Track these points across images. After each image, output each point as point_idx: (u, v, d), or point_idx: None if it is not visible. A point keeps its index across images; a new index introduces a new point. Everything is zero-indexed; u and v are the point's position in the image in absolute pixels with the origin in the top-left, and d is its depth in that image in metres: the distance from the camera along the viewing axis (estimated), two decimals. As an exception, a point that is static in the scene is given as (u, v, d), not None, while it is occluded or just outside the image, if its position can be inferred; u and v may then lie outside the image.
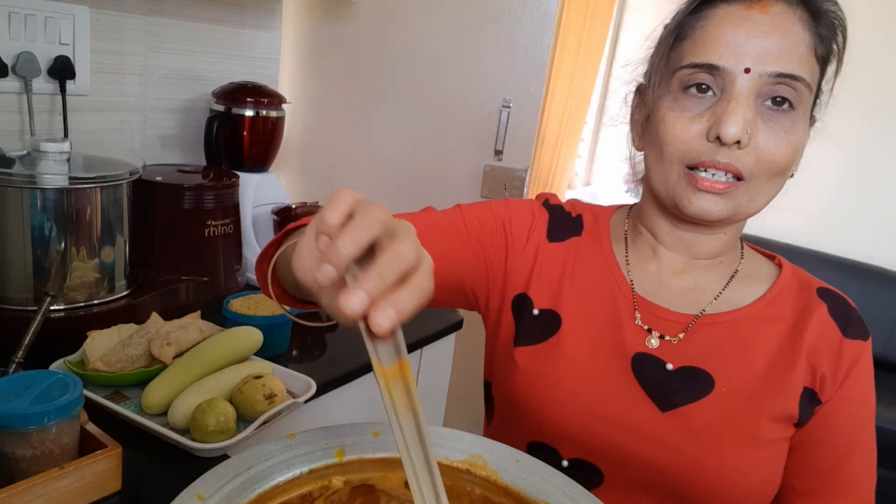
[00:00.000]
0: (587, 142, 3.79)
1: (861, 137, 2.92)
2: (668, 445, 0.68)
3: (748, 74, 0.62)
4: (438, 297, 0.76)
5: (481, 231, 0.78)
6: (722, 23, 0.64)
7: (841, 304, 0.72)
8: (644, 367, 0.71)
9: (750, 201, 0.66)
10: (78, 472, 0.70)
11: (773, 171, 0.65)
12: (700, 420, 0.68)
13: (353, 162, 1.78)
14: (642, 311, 0.73)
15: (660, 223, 0.74)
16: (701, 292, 0.74)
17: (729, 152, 0.63)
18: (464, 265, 0.77)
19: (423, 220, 0.76)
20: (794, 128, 0.64)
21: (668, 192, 0.68)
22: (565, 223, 0.81)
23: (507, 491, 0.55)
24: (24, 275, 1.01)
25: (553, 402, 0.72)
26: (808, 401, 0.69)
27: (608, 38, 3.43)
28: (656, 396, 0.69)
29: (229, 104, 1.49)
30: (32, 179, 1.00)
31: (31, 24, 1.20)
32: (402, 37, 1.65)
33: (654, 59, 0.71)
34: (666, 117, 0.66)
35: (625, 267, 0.76)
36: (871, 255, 2.97)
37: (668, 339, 0.71)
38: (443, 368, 1.51)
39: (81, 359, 0.96)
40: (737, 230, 0.74)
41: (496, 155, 1.60)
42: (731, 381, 0.69)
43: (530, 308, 0.77)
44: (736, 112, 0.62)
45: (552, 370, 0.73)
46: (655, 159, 0.69)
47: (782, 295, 0.73)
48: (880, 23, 2.81)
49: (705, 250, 0.73)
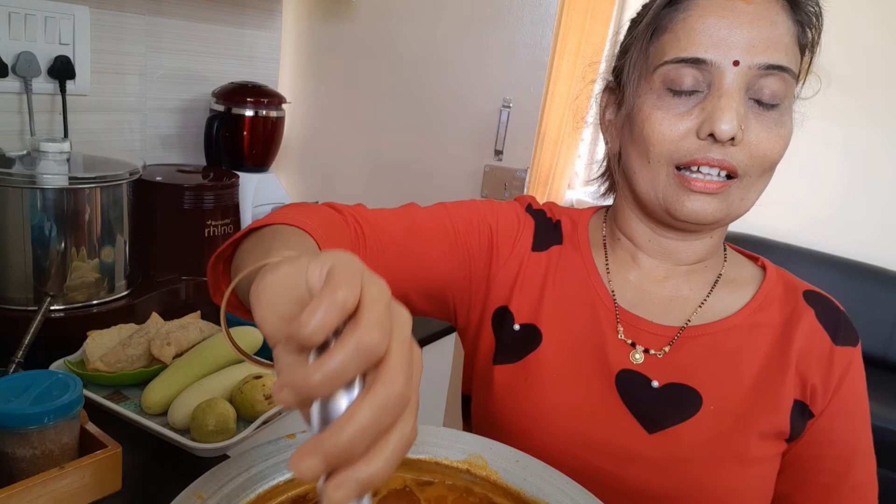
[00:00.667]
0: (587, 142, 3.79)
1: (862, 138, 2.92)
2: (656, 468, 0.65)
3: (737, 67, 0.59)
4: (417, 305, 0.73)
5: (468, 233, 0.74)
6: (705, 14, 0.60)
7: (829, 309, 0.70)
8: (629, 385, 0.67)
9: (742, 199, 0.64)
10: (78, 472, 0.70)
11: (765, 167, 0.63)
12: (689, 441, 0.65)
13: (352, 162, 1.78)
14: (625, 325, 0.69)
15: (639, 229, 0.71)
16: (684, 301, 0.70)
17: (722, 149, 0.60)
18: (449, 271, 0.73)
19: (405, 219, 0.72)
20: (782, 121, 0.62)
21: (657, 195, 0.64)
22: (548, 230, 0.77)
23: (507, 491, 0.55)
24: (24, 275, 1.01)
25: (534, 425, 0.68)
26: (799, 414, 0.66)
27: (608, 39, 3.43)
28: (642, 417, 0.66)
29: (229, 104, 1.49)
30: (32, 179, 0.99)
31: (31, 24, 1.20)
32: (402, 37, 1.65)
33: (630, 56, 0.67)
34: (651, 116, 0.62)
35: (605, 276, 0.73)
36: (871, 255, 2.97)
37: (653, 353, 0.68)
38: (443, 368, 1.51)
39: (81, 359, 0.96)
40: (722, 232, 0.71)
41: (496, 155, 1.60)
42: (719, 397, 0.66)
43: (511, 323, 0.73)
44: (729, 108, 0.59)
45: (532, 390, 0.69)
46: (640, 162, 0.65)
47: (768, 300, 0.70)
48: (884, 26, 2.81)
49: (689, 256, 0.70)
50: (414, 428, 0.32)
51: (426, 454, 0.57)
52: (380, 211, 0.72)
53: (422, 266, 0.71)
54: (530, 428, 0.68)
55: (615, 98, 0.70)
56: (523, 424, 0.69)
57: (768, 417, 0.65)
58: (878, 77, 2.85)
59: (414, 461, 0.57)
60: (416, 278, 0.71)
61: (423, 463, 0.57)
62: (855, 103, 2.77)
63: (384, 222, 0.70)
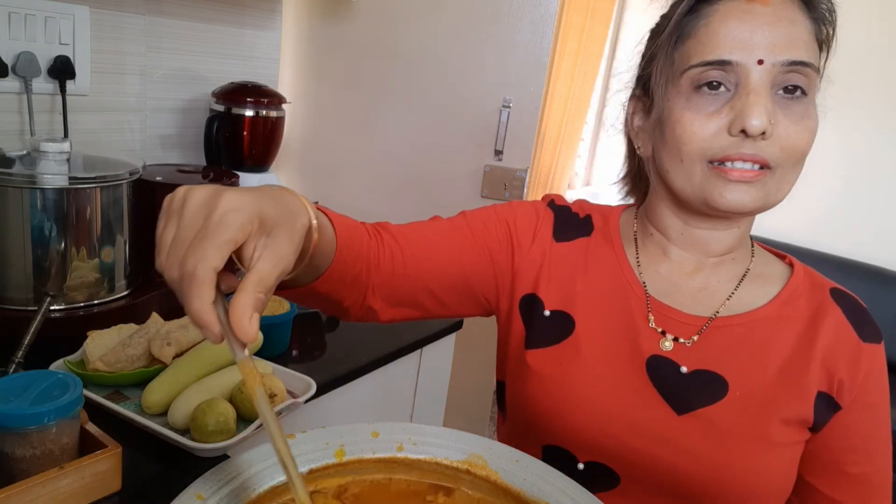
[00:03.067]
0: (587, 142, 3.79)
1: (864, 138, 2.92)
2: (684, 448, 0.68)
3: (762, 66, 0.62)
4: (450, 301, 0.77)
5: (485, 233, 0.78)
6: (726, 19, 0.64)
7: (855, 307, 0.73)
8: (659, 369, 0.71)
9: (778, 190, 0.66)
10: (78, 472, 0.70)
11: (796, 158, 0.65)
12: (715, 423, 0.68)
13: (352, 162, 1.78)
14: (656, 314, 0.73)
15: (672, 223, 0.74)
16: (713, 292, 0.73)
17: (754, 143, 0.63)
18: (471, 268, 0.77)
19: (429, 228, 0.76)
20: (808, 113, 0.65)
21: (694, 190, 0.67)
22: (572, 223, 0.80)
23: (507, 491, 0.55)
24: (24, 275, 1.01)
25: (568, 407, 0.71)
26: (825, 405, 0.69)
27: (608, 38, 3.43)
28: (672, 399, 0.69)
29: (229, 104, 1.49)
30: (32, 179, 0.99)
31: (31, 24, 1.20)
32: (403, 37, 1.65)
33: (656, 64, 0.70)
34: (682, 118, 0.66)
35: (636, 268, 0.76)
36: (871, 255, 2.97)
37: (682, 342, 0.71)
38: (443, 368, 1.51)
39: (81, 359, 0.96)
40: (748, 224, 0.74)
41: (496, 155, 1.60)
42: (745, 385, 0.69)
43: (541, 309, 0.76)
44: (758, 104, 0.62)
45: (566, 374, 0.73)
46: (674, 161, 0.68)
47: (795, 295, 0.73)
48: (883, 25, 2.81)
49: (720, 246, 0.73)
50: (237, 221, 0.43)
51: (426, 454, 0.57)
52: (413, 223, 0.77)
53: (442, 263, 0.75)
54: (565, 410, 0.71)
55: (643, 105, 0.74)
56: (558, 407, 0.72)
57: (792, 405, 0.68)
58: (878, 77, 2.85)
59: (414, 461, 0.57)
60: (438, 276, 0.75)
61: (424, 463, 0.57)
62: (855, 103, 2.77)
63: (404, 228, 0.75)
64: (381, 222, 0.75)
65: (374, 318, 0.74)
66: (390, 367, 1.24)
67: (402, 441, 0.58)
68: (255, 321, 0.42)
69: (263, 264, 0.44)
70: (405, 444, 0.57)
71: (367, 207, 1.75)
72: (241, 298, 0.42)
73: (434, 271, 0.74)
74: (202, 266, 0.41)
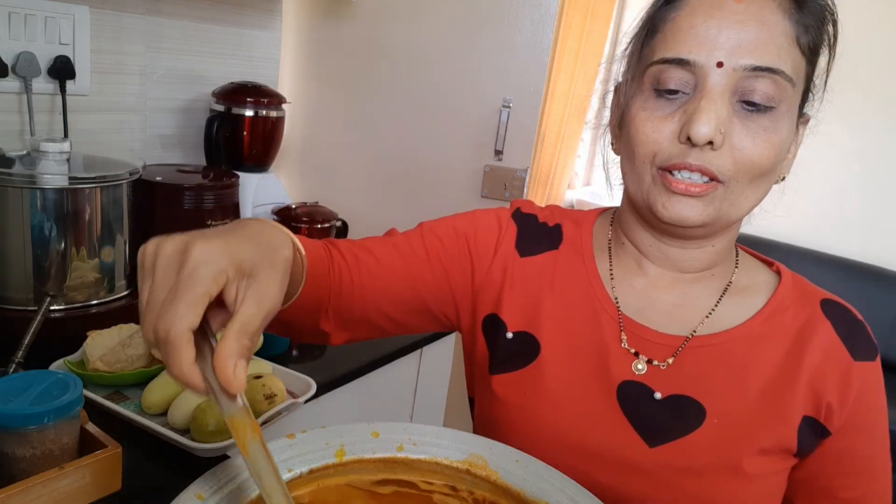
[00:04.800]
0: (587, 142, 3.79)
1: (862, 138, 2.92)
2: (656, 481, 0.63)
3: (721, 69, 0.57)
4: (407, 321, 0.73)
5: (441, 251, 0.72)
6: (693, 13, 0.58)
7: (848, 321, 0.66)
8: (630, 396, 0.65)
9: (732, 206, 0.60)
10: (78, 472, 0.70)
11: (753, 174, 0.59)
12: (690, 455, 0.63)
13: (352, 162, 1.78)
14: (628, 333, 0.67)
15: (642, 235, 0.68)
16: (691, 310, 0.67)
17: (701, 153, 0.57)
18: (426, 288, 0.72)
19: (381, 245, 0.72)
20: (775, 127, 0.58)
21: (642, 196, 0.62)
22: (539, 235, 0.74)
23: (507, 491, 0.55)
24: (24, 275, 1.01)
25: (534, 438, 0.67)
26: (810, 431, 0.64)
27: (608, 38, 3.43)
28: (644, 431, 0.64)
29: (229, 104, 1.49)
30: (32, 179, 0.99)
31: (31, 24, 1.20)
32: (403, 37, 1.65)
33: (629, 56, 0.66)
34: (637, 117, 0.61)
35: (608, 282, 0.70)
36: (871, 255, 2.97)
37: (657, 364, 0.66)
38: (443, 368, 1.51)
39: (81, 359, 0.96)
40: (729, 239, 0.67)
41: (496, 155, 1.60)
42: (723, 411, 0.64)
43: (504, 331, 0.71)
44: (707, 110, 0.56)
45: (530, 402, 0.68)
46: (628, 163, 0.64)
47: (781, 308, 0.67)
48: (883, 25, 2.81)
49: (693, 265, 0.67)
50: (209, 272, 0.41)
51: (426, 454, 0.57)
52: (365, 240, 0.73)
53: (394, 284, 0.71)
54: (529, 439, 0.67)
55: (617, 100, 0.69)
56: (523, 435, 0.67)
57: (773, 433, 0.63)
58: (878, 77, 2.85)
59: (414, 461, 0.57)
60: (391, 297, 0.71)
61: (423, 463, 0.57)
62: (855, 104, 2.77)
63: (354, 246, 0.71)
64: (331, 239, 0.71)
65: (326, 341, 0.71)
66: (390, 368, 1.24)
67: (402, 441, 0.58)
68: (240, 370, 0.41)
69: (247, 308, 0.42)
70: (405, 444, 0.57)
71: (367, 207, 1.76)
72: (223, 349, 0.41)
73: (386, 292, 0.70)
74: (174, 330, 0.39)
